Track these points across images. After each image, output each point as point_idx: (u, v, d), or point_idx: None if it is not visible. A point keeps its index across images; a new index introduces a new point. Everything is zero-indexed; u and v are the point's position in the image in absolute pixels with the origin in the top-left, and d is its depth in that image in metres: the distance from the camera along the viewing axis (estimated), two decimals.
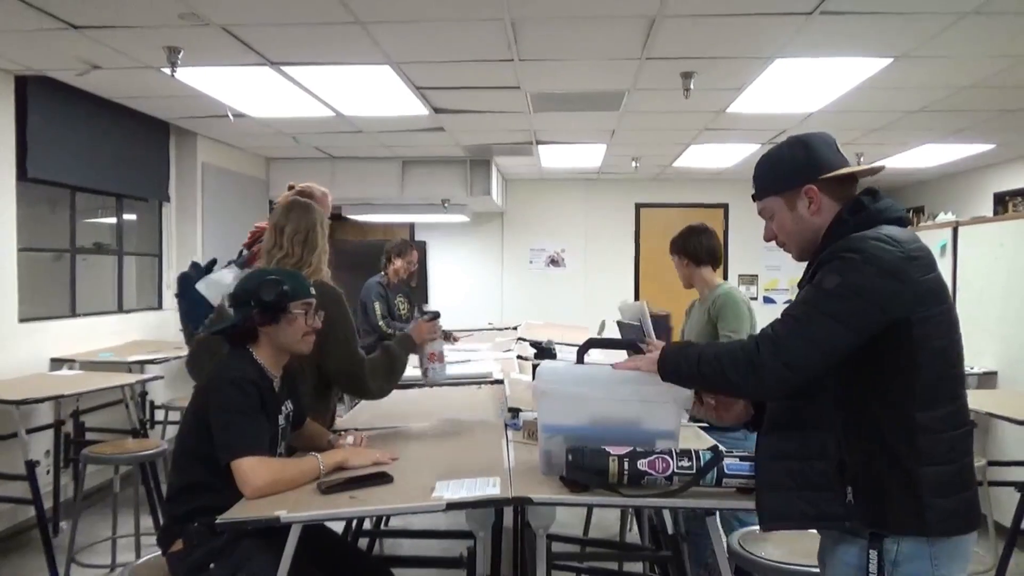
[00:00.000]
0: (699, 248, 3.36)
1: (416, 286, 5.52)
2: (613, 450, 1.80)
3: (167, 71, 3.94)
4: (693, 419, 2.21)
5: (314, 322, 2.23)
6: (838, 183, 1.67)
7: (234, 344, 2.18)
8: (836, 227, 1.64)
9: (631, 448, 1.81)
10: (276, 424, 2.17)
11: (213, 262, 3.05)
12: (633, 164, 7.55)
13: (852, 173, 1.68)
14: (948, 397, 1.54)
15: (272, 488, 1.92)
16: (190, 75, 4.25)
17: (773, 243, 1.80)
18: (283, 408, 2.24)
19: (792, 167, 1.71)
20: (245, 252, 3.00)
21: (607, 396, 1.87)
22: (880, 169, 1.81)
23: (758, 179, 1.78)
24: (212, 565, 1.98)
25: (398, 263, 5.68)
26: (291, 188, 2.91)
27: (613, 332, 6.56)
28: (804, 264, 1.73)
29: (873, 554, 1.52)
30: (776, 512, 1.63)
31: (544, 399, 1.95)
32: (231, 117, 5.27)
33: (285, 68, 4.18)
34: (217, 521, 1.78)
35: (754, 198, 1.81)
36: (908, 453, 1.50)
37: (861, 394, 1.54)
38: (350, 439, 2.38)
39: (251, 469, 1.92)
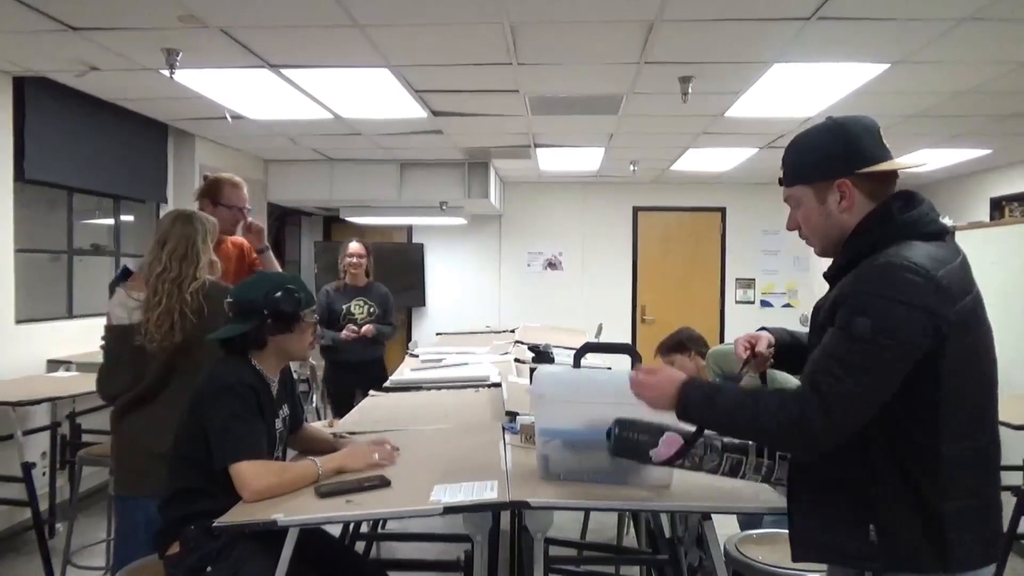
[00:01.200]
0: None
1: (365, 286, 5.09)
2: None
3: (166, 73, 3.94)
4: None
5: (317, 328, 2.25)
6: (876, 179, 1.52)
7: (231, 351, 2.18)
8: (859, 236, 1.52)
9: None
10: (274, 428, 2.17)
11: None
12: (631, 167, 7.56)
13: (893, 169, 1.53)
14: (977, 429, 1.46)
15: (270, 492, 1.92)
16: (188, 77, 4.25)
17: (772, 246, 1.80)
18: (280, 412, 2.24)
19: (827, 156, 1.55)
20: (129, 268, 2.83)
21: (605, 400, 1.86)
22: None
23: (788, 164, 1.63)
24: (209, 568, 1.98)
25: (341, 263, 5.18)
26: (205, 178, 3.03)
27: (610, 335, 6.57)
28: (802, 266, 1.72)
29: None
30: (802, 542, 1.57)
31: (541, 403, 1.95)
32: (229, 119, 5.27)
33: (284, 70, 4.18)
34: (214, 524, 1.78)
35: (781, 182, 1.65)
36: (932, 488, 1.42)
37: (885, 428, 1.44)
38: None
39: (249, 473, 1.92)
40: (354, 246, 5.17)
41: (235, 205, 3.17)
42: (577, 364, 2.05)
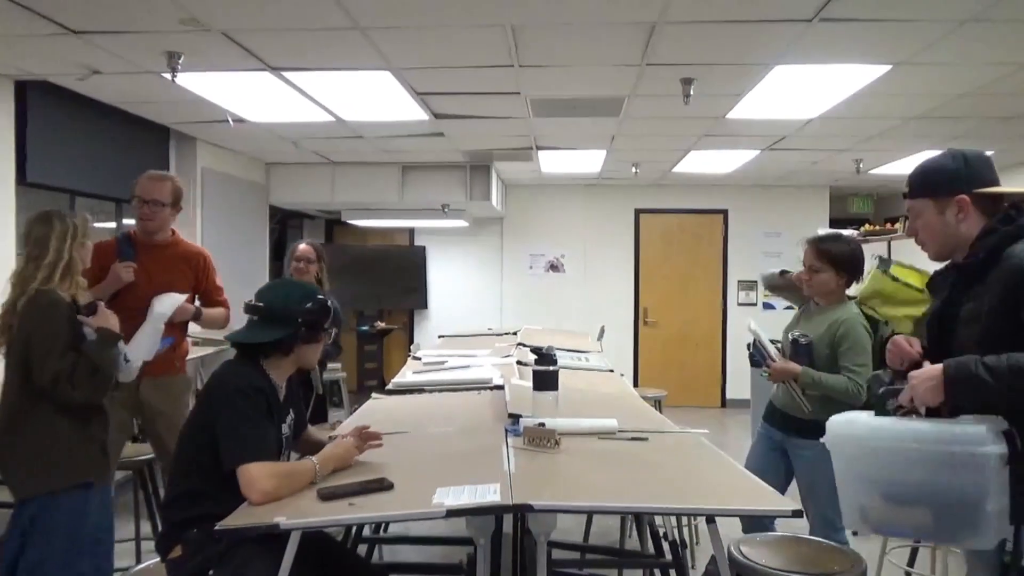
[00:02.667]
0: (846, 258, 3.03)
1: (318, 285, 4.22)
2: None
3: (167, 76, 3.94)
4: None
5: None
6: (988, 199, 1.86)
7: (244, 353, 2.18)
8: (987, 235, 1.83)
9: None
10: (280, 432, 2.17)
11: None
12: (633, 170, 7.56)
13: (1004, 192, 1.87)
14: None
15: (277, 493, 1.91)
16: (190, 80, 4.25)
17: (774, 248, 1.97)
18: (287, 417, 2.24)
19: (950, 176, 1.89)
20: None
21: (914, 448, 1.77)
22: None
23: (915, 181, 1.96)
24: (211, 572, 1.98)
25: (288, 269, 4.50)
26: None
27: (612, 337, 6.56)
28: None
29: None
30: None
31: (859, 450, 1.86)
32: (231, 122, 5.27)
33: (285, 73, 4.18)
34: (216, 528, 1.77)
35: (905, 196, 1.98)
36: None
37: None
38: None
39: (257, 474, 1.91)
40: (302, 248, 4.47)
41: (134, 196, 3.39)
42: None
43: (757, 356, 3.17)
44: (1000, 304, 1.74)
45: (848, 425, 1.91)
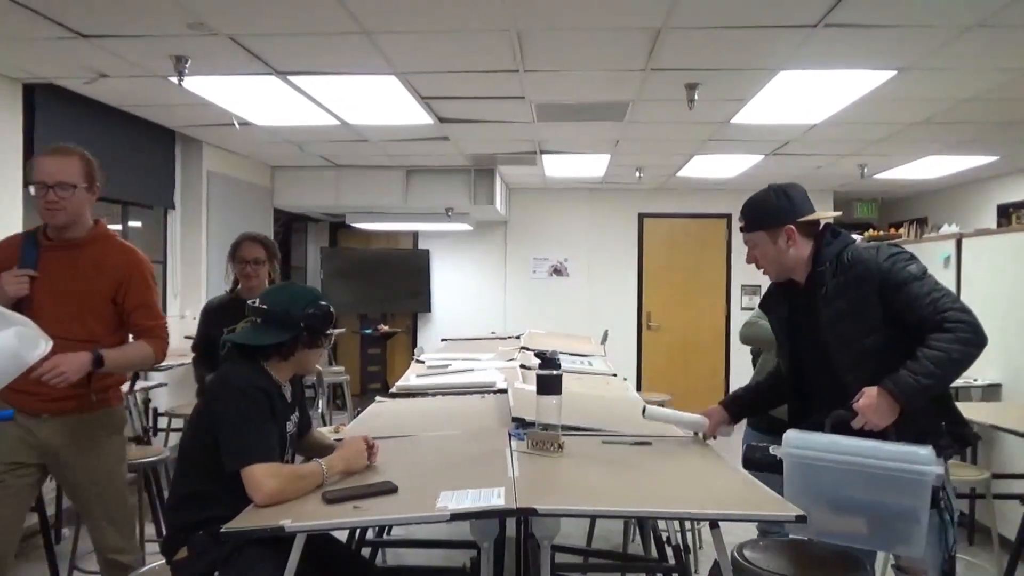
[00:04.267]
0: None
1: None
2: None
3: (174, 80, 3.96)
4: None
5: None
6: (809, 224, 2.26)
7: (245, 355, 2.18)
8: (824, 248, 2.22)
9: None
10: (285, 432, 2.18)
11: None
12: (637, 174, 7.56)
13: (819, 218, 2.28)
14: None
15: (282, 495, 1.91)
16: (197, 84, 4.27)
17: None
18: (292, 417, 2.25)
19: (777, 211, 2.25)
20: None
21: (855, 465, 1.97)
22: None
23: (749, 217, 2.31)
24: (217, 574, 1.99)
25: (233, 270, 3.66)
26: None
27: (615, 342, 6.56)
28: None
29: None
30: None
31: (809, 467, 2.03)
32: (236, 125, 5.30)
33: (291, 77, 4.20)
34: (222, 530, 1.78)
35: (742, 230, 2.33)
36: None
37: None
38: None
39: (262, 476, 1.91)
40: (247, 247, 3.57)
41: (32, 182, 2.56)
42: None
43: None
44: (863, 301, 2.14)
45: (804, 439, 2.08)
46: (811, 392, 2.37)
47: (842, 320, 2.18)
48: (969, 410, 3.51)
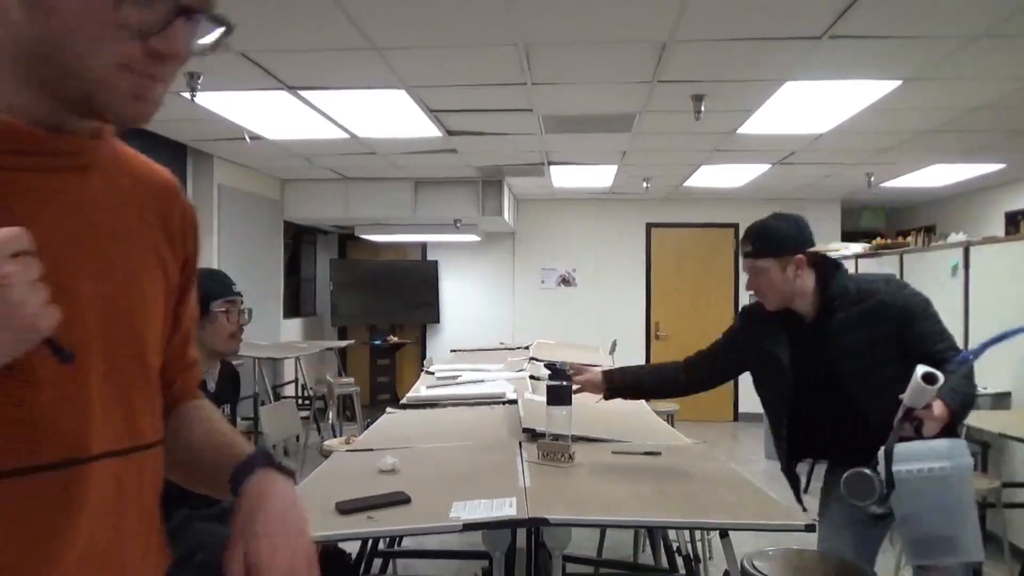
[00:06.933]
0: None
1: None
2: None
3: (187, 95, 4.02)
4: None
5: (241, 319, 2.20)
6: (813, 255, 2.27)
7: None
8: (829, 280, 2.24)
9: None
10: None
11: None
12: (644, 184, 7.59)
13: (824, 250, 2.30)
14: None
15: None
16: (209, 99, 4.33)
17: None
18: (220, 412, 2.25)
19: (788, 239, 2.25)
20: None
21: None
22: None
23: (759, 243, 2.27)
24: (199, 554, 1.95)
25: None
26: None
27: (623, 351, 6.58)
28: None
29: None
30: None
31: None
32: (247, 139, 5.35)
33: (302, 92, 4.25)
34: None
35: (747, 255, 2.29)
36: None
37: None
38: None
39: None
40: None
41: None
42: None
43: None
44: (880, 332, 2.15)
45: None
46: (813, 423, 2.33)
47: (860, 351, 2.18)
48: (979, 419, 3.52)
